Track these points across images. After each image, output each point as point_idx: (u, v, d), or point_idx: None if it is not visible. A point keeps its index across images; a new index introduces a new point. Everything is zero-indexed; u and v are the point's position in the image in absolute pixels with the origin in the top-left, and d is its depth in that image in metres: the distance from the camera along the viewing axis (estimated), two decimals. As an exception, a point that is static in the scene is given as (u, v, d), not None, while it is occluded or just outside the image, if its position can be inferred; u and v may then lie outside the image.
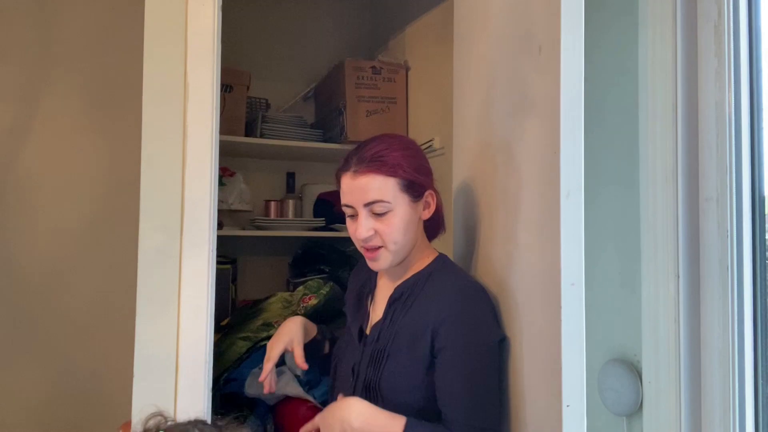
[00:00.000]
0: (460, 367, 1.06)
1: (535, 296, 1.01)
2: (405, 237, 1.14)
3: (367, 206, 1.12)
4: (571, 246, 0.94)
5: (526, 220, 1.04)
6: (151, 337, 1.17)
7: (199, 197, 1.19)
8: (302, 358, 1.23)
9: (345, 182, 1.14)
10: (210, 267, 1.20)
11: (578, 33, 0.95)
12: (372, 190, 1.11)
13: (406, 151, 1.15)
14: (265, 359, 1.26)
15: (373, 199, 1.11)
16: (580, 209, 0.94)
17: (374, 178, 1.11)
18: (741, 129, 1.18)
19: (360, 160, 1.13)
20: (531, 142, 1.04)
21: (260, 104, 2.36)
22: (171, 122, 1.19)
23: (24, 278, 2.00)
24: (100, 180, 2.07)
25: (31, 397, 1.99)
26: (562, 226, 0.93)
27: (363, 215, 1.13)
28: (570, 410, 0.91)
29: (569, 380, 0.92)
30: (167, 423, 0.94)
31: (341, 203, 1.16)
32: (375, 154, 1.13)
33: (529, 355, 1.03)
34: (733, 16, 1.19)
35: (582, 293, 0.93)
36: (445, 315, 1.08)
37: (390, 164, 1.12)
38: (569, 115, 0.94)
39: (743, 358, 1.15)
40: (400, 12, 2.35)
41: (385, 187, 1.11)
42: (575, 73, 0.95)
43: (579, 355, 0.92)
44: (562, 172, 0.94)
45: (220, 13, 1.20)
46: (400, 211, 1.13)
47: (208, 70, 1.19)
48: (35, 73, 2.04)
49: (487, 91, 1.24)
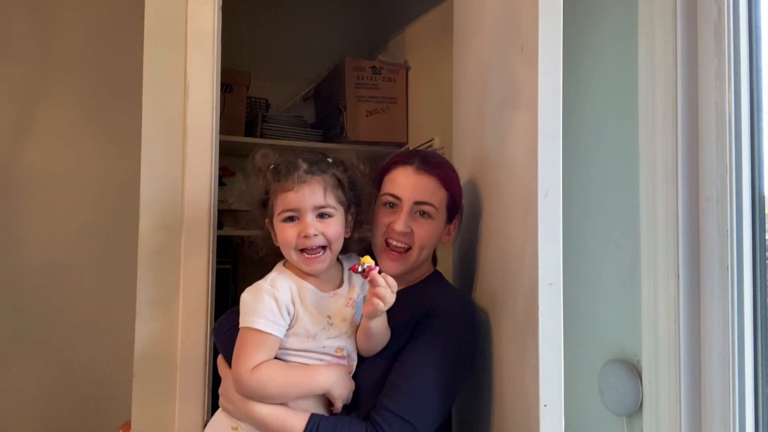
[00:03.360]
0: (418, 359, 1.05)
1: (518, 296, 1.01)
2: (430, 249, 1.17)
3: (417, 204, 1.14)
4: (548, 246, 0.94)
5: (514, 219, 1.04)
6: (151, 337, 1.17)
7: (199, 197, 1.19)
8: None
9: (402, 174, 1.16)
10: (210, 267, 1.20)
11: (556, 36, 0.96)
12: (428, 191, 1.14)
13: (457, 177, 1.21)
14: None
15: (426, 200, 1.14)
16: (558, 209, 0.95)
17: (434, 181, 1.15)
18: (741, 129, 1.18)
19: (426, 160, 1.17)
20: (517, 139, 1.05)
21: (260, 104, 2.36)
22: (171, 122, 1.19)
23: (24, 278, 2.00)
24: (100, 180, 2.07)
25: (32, 398, 1.99)
26: (540, 225, 0.94)
27: (406, 211, 1.13)
28: (547, 410, 0.92)
29: (547, 380, 0.92)
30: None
31: (385, 191, 1.17)
32: (441, 162, 1.19)
33: (513, 354, 1.03)
34: (733, 16, 1.19)
35: (560, 293, 0.94)
36: (429, 311, 1.09)
37: (450, 179, 1.18)
38: (547, 115, 0.95)
39: (743, 358, 1.15)
40: (400, 12, 2.35)
41: (439, 195, 1.15)
42: (553, 73, 0.96)
43: (557, 354, 0.93)
44: (539, 171, 0.94)
45: (220, 13, 1.21)
46: (438, 222, 1.16)
47: (208, 70, 1.20)
48: (35, 73, 2.04)
49: (481, 90, 1.24)
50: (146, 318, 1.17)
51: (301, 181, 1.06)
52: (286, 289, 1.06)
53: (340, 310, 1.08)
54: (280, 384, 1.02)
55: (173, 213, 1.19)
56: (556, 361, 0.93)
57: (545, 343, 0.93)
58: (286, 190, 1.06)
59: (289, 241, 1.06)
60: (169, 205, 1.19)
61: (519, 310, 1.00)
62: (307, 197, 1.05)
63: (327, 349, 1.06)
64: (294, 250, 1.06)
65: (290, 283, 1.07)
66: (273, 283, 1.06)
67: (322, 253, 1.06)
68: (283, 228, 1.07)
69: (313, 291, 1.07)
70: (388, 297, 1.00)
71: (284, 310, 1.04)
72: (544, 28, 0.96)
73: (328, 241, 1.06)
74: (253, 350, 1.03)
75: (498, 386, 1.09)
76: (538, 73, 0.95)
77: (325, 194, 1.07)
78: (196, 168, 1.20)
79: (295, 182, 1.06)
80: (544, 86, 0.95)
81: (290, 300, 1.05)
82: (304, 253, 1.06)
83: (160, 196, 1.18)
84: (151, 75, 1.18)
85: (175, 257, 1.18)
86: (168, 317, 1.18)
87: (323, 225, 1.06)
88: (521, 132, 1.02)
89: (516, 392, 1.01)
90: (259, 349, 1.03)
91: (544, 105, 0.95)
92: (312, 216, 1.05)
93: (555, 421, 0.92)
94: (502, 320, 1.08)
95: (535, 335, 0.93)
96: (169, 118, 1.18)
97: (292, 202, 1.05)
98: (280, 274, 1.09)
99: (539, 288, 0.93)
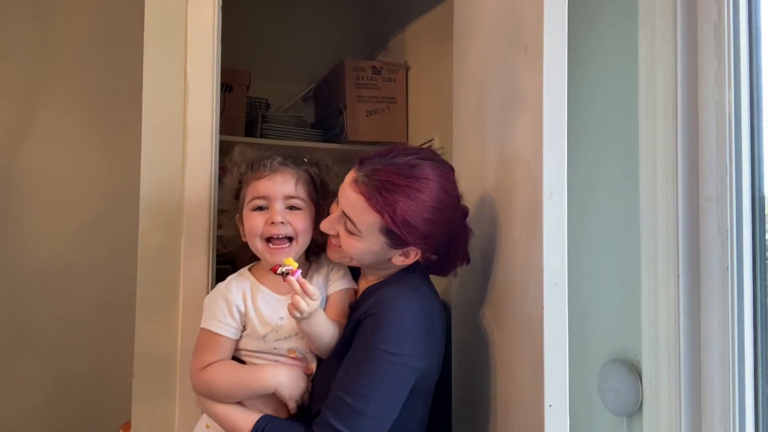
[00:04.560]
0: (354, 367, 1.00)
1: (523, 296, 1.01)
2: (361, 259, 1.08)
3: (342, 216, 1.04)
4: (553, 246, 0.94)
5: (518, 220, 1.04)
6: (151, 337, 1.17)
7: (199, 197, 1.19)
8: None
9: (345, 180, 1.05)
10: (210, 267, 1.20)
11: (561, 36, 0.96)
12: (351, 207, 1.02)
13: (424, 204, 1.01)
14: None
15: (348, 214, 1.03)
16: (563, 209, 0.95)
17: (360, 200, 1.00)
18: (741, 129, 1.18)
19: (367, 174, 1.01)
20: (520, 139, 1.04)
21: (260, 104, 2.36)
22: (171, 122, 1.19)
23: (25, 278, 2.00)
24: (101, 180, 2.07)
25: (32, 397, 1.99)
26: (545, 226, 0.93)
27: (334, 214, 1.06)
28: (552, 410, 0.91)
29: (552, 380, 0.92)
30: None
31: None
32: (384, 181, 1.00)
33: (517, 355, 1.03)
34: (733, 16, 1.19)
35: (565, 294, 0.94)
36: (368, 310, 1.03)
37: (386, 202, 0.99)
38: (552, 115, 0.95)
39: (743, 358, 1.15)
40: (400, 12, 2.35)
41: (363, 216, 1.01)
42: (558, 74, 0.95)
43: (562, 355, 0.93)
44: (545, 171, 0.94)
45: (220, 13, 1.21)
46: (367, 242, 1.04)
47: (208, 70, 1.20)
48: (35, 73, 2.04)
49: (481, 90, 1.24)
50: (146, 318, 1.17)
51: (273, 169, 1.08)
52: (238, 291, 1.07)
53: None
54: (225, 384, 1.04)
55: (173, 213, 1.19)
56: (561, 362, 0.93)
57: (550, 343, 0.92)
58: (258, 178, 1.08)
59: (256, 228, 1.06)
60: (169, 205, 1.19)
61: (524, 311, 1.00)
62: (278, 185, 1.07)
63: (278, 350, 1.07)
64: (260, 238, 1.06)
65: (245, 284, 1.09)
66: (227, 284, 1.09)
67: (287, 245, 1.06)
68: (251, 216, 1.07)
69: (267, 293, 1.08)
70: (301, 305, 0.95)
71: (234, 311, 1.05)
72: (549, 29, 0.95)
73: (295, 232, 1.06)
74: (204, 350, 1.06)
75: (502, 386, 1.08)
76: (543, 73, 0.94)
77: (296, 185, 1.08)
78: (196, 168, 1.20)
79: (268, 170, 1.07)
80: (549, 86, 0.95)
81: (241, 300, 1.06)
82: (270, 243, 1.06)
83: (160, 196, 1.18)
84: (151, 75, 1.18)
85: (175, 257, 1.18)
86: (168, 317, 1.18)
87: (291, 216, 1.07)
88: (524, 132, 1.02)
89: (520, 393, 1.01)
90: (210, 349, 1.05)
91: (549, 105, 0.95)
92: (281, 205, 1.06)
93: (560, 422, 0.92)
94: (506, 321, 1.08)
95: (541, 336, 0.92)
96: (169, 118, 1.18)
97: (262, 189, 1.07)
98: (238, 276, 1.11)
99: (544, 288, 0.93)
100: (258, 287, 1.09)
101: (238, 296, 1.07)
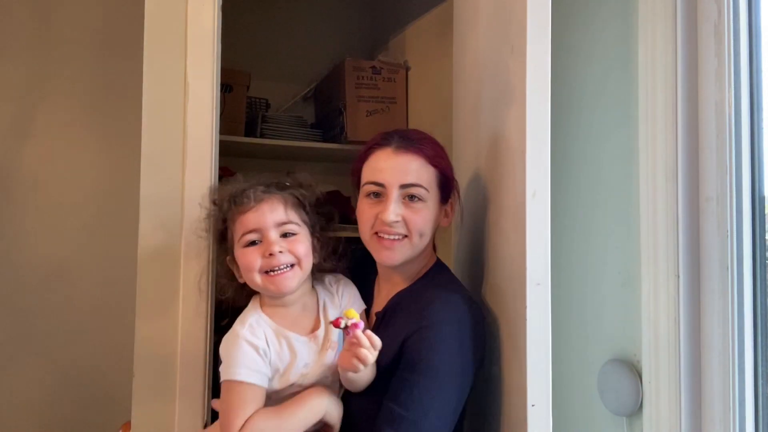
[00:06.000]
0: (415, 384, 0.96)
1: (509, 295, 1.01)
2: (428, 235, 1.06)
3: (403, 188, 1.02)
4: (536, 246, 0.94)
5: (508, 218, 1.05)
6: (151, 337, 1.17)
7: (199, 197, 1.19)
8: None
9: (380, 158, 1.04)
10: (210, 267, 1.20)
11: (545, 38, 0.97)
12: (413, 171, 1.02)
13: (443, 151, 1.10)
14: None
15: (413, 181, 1.02)
16: (546, 209, 0.95)
17: (417, 160, 1.03)
18: (741, 129, 1.18)
19: (404, 137, 1.05)
20: (508, 139, 1.05)
21: (260, 104, 2.36)
22: (171, 122, 1.19)
23: (24, 278, 2.00)
24: (101, 179, 2.07)
25: (32, 398, 1.99)
26: (528, 226, 0.94)
27: (393, 197, 1.02)
28: (535, 410, 0.92)
29: (534, 379, 0.92)
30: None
31: (366, 181, 1.05)
32: (421, 138, 1.06)
33: (506, 353, 1.04)
34: (733, 16, 1.19)
35: (548, 293, 0.94)
36: (419, 323, 0.99)
37: (435, 154, 1.05)
38: (535, 114, 0.96)
39: (743, 358, 1.15)
40: (400, 12, 2.35)
41: (426, 174, 1.03)
42: (541, 75, 0.96)
43: (544, 354, 0.93)
44: (528, 171, 0.95)
45: (220, 13, 1.20)
46: (431, 204, 1.05)
47: (208, 70, 1.19)
48: (35, 72, 2.04)
49: (477, 89, 1.24)
50: (146, 318, 1.17)
51: (258, 199, 1.00)
52: (260, 333, 0.99)
53: (319, 357, 1.01)
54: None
55: (173, 213, 1.19)
56: (544, 361, 0.93)
57: (533, 342, 0.93)
58: (244, 212, 1.00)
59: (252, 264, 0.98)
60: (169, 205, 1.19)
61: (510, 310, 1.01)
62: (267, 214, 0.99)
63: (299, 389, 1.01)
64: (258, 273, 0.98)
65: (265, 327, 1.00)
66: (247, 327, 0.99)
67: (289, 269, 0.99)
68: (245, 253, 0.99)
69: (291, 337, 1.00)
70: (369, 359, 0.91)
71: (263, 355, 0.97)
72: (533, 29, 0.96)
73: (296, 257, 0.99)
74: (239, 406, 0.95)
75: (504, 385, 1.08)
76: (526, 75, 0.95)
77: (286, 210, 1.01)
78: (196, 168, 1.20)
79: (252, 201, 1.00)
80: (532, 88, 0.96)
81: (266, 344, 0.99)
82: (269, 272, 0.98)
83: (160, 196, 1.18)
84: (151, 75, 1.17)
85: (175, 257, 1.18)
86: (168, 317, 1.18)
87: (289, 243, 1.00)
88: (512, 133, 1.03)
89: (509, 391, 1.02)
90: (245, 403, 0.95)
91: (532, 107, 0.96)
92: (275, 234, 0.99)
93: (542, 421, 0.92)
94: (498, 319, 1.08)
95: (524, 335, 0.93)
96: (169, 118, 1.18)
97: (251, 222, 0.99)
98: (253, 315, 1.02)
99: (527, 288, 0.93)
100: (281, 331, 1.00)
101: (262, 340, 0.98)
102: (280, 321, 1.02)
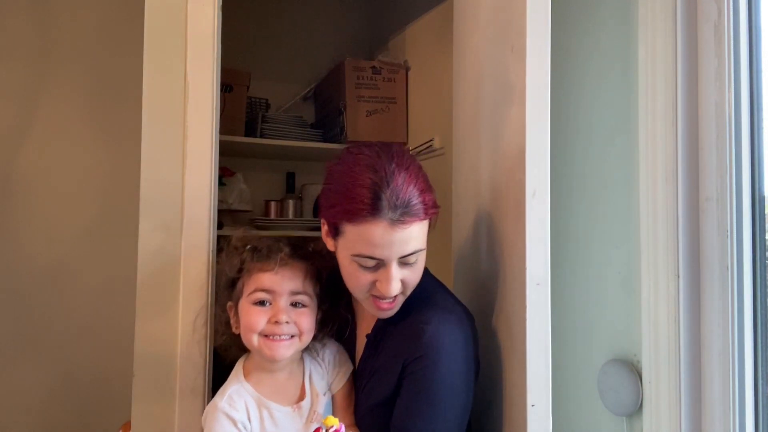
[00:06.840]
0: (422, 413, 0.96)
1: (509, 295, 1.02)
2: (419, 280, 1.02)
3: (403, 258, 0.95)
4: (536, 246, 0.94)
5: (508, 218, 1.05)
6: (151, 337, 1.17)
7: (199, 197, 1.19)
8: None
9: (375, 233, 0.91)
10: (210, 267, 1.20)
11: (544, 38, 0.97)
12: (413, 240, 0.94)
13: (423, 174, 0.98)
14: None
15: (414, 249, 0.95)
16: (545, 209, 0.95)
17: (415, 225, 0.93)
18: (741, 129, 1.18)
19: (399, 206, 0.91)
20: (508, 140, 1.05)
21: (260, 104, 2.36)
22: (171, 122, 1.19)
23: (25, 278, 2.00)
24: (101, 180, 2.07)
25: (32, 398, 1.99)
26: (528, 226, 0.94)
27: (394, 268, 0.95)
28: (535, 409, 0.92)
29: (534, 380, 0.92)
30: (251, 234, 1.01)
31: (358, 253, 0.94)
32: (412, 196, 0.93)
33: (504, 354, 1.04)
34: (733, 16, 1.19)
35: (547, 294, 0.94)
36: (416, 350, 0.98)
37: (427, 203, 0.95)
38: (534, 114, 0.96)
39: (743, 358, 1.15)
40: (400, 12, 2.35)
41: (424, 231, 0.96)
42: (541, 75, 0.96)
43: (544, 355, 0.93)
44: (527, 171, 0.94)
45: (220, 13, 1.20)
46: (424, 253, 0.99)
47: (208, 70, 1.19)
48: (35, 72, 2.04)
49: (477, 89, 1.25)
50: (146, 318, 1.17)
51: (283, 263, 1.00)
52: (240, 406, 0.98)
53: (304, 430, 1.00)
54: None
55: (173, 213, 1.19)
56: (544, 362, 0.93)
57: (533, 343, 0.93)
58: (264, 270, 1.00)
59: (255, 325, 0.98)
60: (169, 205, 1.19)
61: (509, 310, 1.01)
62: (286, 280, 0.99)
63: None
64: (258, 335, 0.98)
65: (246, 397, 1.00)
66: (227, 400, 0.99)
67: (288, 339, 0.98)
68: (251, 311, 0.99)
69: (273, 408, 0.99)
70: None
71: (242, 429, 0.96)
72: (532, 29, 0.96)
73: (299, 330, 0.99)
74: None
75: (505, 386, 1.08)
76: (526, 75, 0.95)
77: (304, 281, 1.01)
78: (196, 168, 1.20)
79: (277, 263, 0.99)
80: (532, 88, 0.96)
81: (246, 417, 0.98)
82: (269, 337, 0.98)
83: (160, 196, 1.18)
84: (151, 75, 1.17)
85: (175, 257, 1.18)
86: (168, 317, 1.18)
87: (296, 314, 0.99)
88: (512, 133, 1.03)
89: (509, 391, 1.02)
90: None
91: (532, 107, 0.96)
92: (285, 302, 0.99)
93: (542, 421, 0.92)
94: (496, 320, 1.08)
95: (523, 335, 0.93)
96: (169, 118, 1.18)
97: (267, 283, 0.99)
98: (235, 384, 1.01)
99: (527, 288, 0.93)
100: (263, 402, 0.99)
101: (243, 413, 0.97)
102: (264, 390, 1.01)
